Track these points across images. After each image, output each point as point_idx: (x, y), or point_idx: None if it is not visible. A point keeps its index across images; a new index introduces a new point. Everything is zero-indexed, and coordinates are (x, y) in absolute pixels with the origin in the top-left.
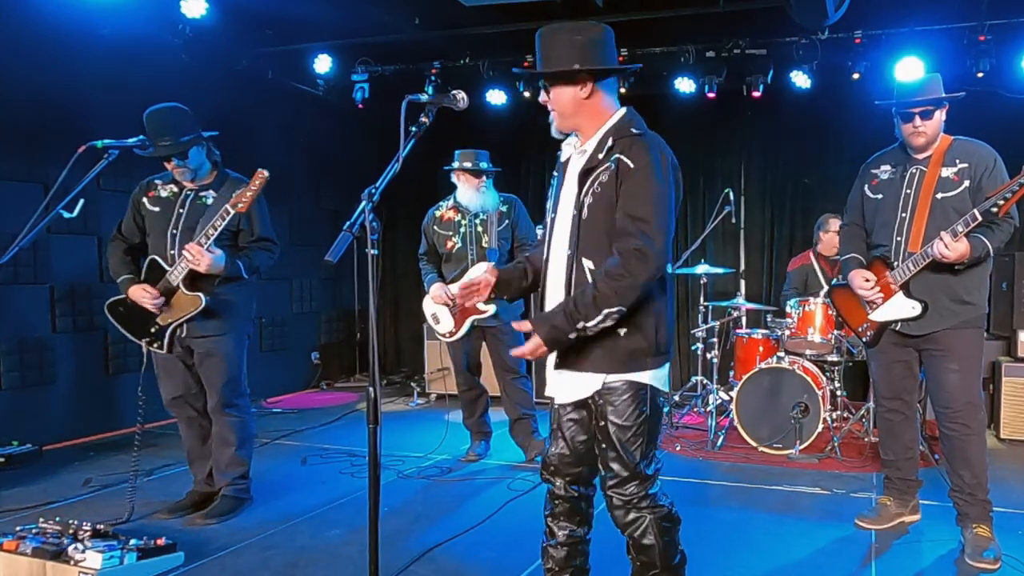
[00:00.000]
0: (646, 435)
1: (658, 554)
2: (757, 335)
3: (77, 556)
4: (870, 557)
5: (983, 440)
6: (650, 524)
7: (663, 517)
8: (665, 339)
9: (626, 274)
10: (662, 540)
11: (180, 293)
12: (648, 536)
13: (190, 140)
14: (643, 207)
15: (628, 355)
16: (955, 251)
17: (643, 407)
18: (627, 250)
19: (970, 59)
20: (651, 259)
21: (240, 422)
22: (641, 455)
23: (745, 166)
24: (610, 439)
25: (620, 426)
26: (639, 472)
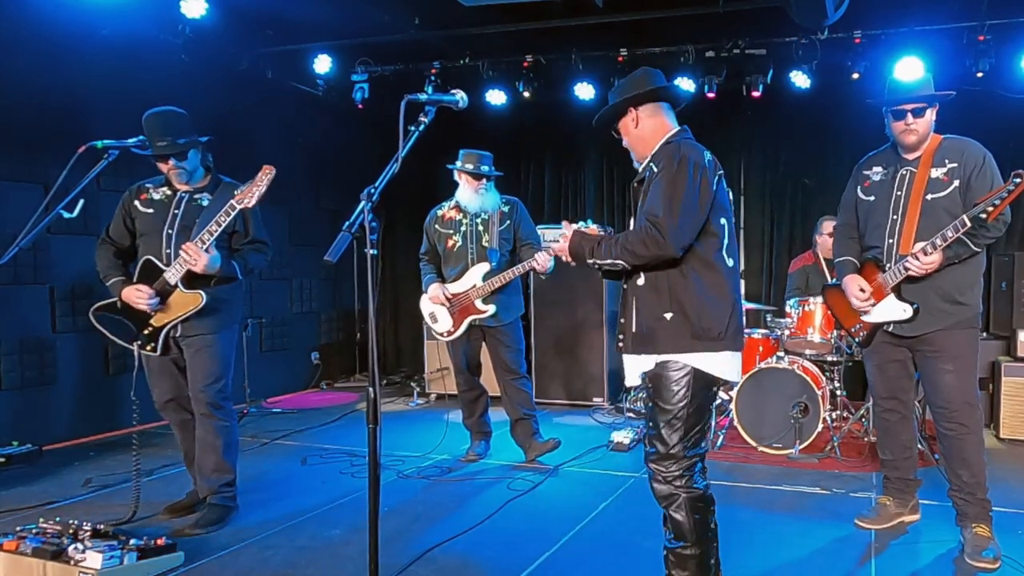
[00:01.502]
0: (688, 418)
1: (687, 530)
2: (757, 335)
3: (77, 556)
4: (869, 557)
5: (981, 439)
6: (683, 502)
7: (696, 498)
8: (714, 324)
9: (629, 244)
10: (692, 518)
11: (178, 292)
12: (680, 512)
13: (188, 143)
14: (656, 205)
15: (673, 337)
16: (931, 266)
17: (686, 390)
18: (641, 228)
19: (969, 59)
20: (664, 236)
21: (226, 427)
22: (680, 437)
23: (745, 166)
24: (655, 418)
25: (662, 408)
26: (676, 453)
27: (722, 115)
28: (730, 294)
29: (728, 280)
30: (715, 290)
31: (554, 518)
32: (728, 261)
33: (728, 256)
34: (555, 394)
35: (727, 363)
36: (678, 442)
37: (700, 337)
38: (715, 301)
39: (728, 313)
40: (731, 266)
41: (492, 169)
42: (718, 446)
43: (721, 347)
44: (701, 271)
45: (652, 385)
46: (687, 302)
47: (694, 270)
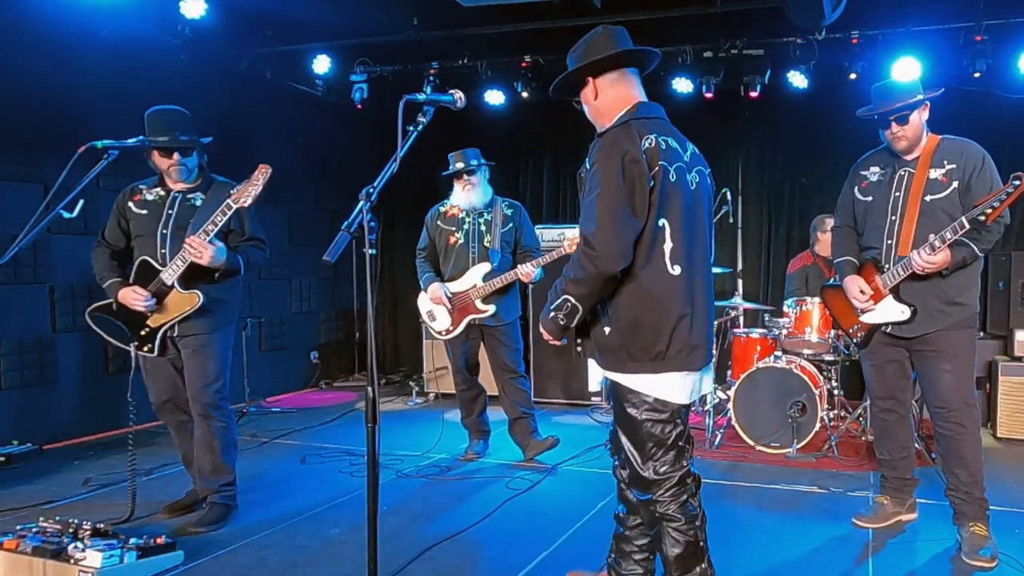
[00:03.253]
0: (639, 440)
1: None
2: (755, 334)
3: (77, 555)
4: (867, 556)
5: (978, 439)
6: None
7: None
8: (649, 342)
9: (577, 269)
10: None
11: (175, 292)
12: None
13: (190, 140)
14: (587, 214)
15: (613, 354)
16: (934, 265)
17: (636, 410)
18: (580, 250)
19: (967, 59)
20: (594, 258)
21: (223, 427)
22: (642, 460)
23: (743, 166)
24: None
25: (619, 427)
26: (645, 476)
27: (720, 115)
28: (674, 308)
29: (670, 291)
30: (650, 304)
31: (552, 517)
32: (672, 269)
33: (673, 263)
34: (553, 393)
35: (671, 385)
36: (642, 461)
37: (635, 358)
38: (650, 317)
39: (669, 330)
40: (676, 274)
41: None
42: (716, 445)
43: (662, 368)
44: (633, 282)
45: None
46: (619, 318)
47: (625, 282)
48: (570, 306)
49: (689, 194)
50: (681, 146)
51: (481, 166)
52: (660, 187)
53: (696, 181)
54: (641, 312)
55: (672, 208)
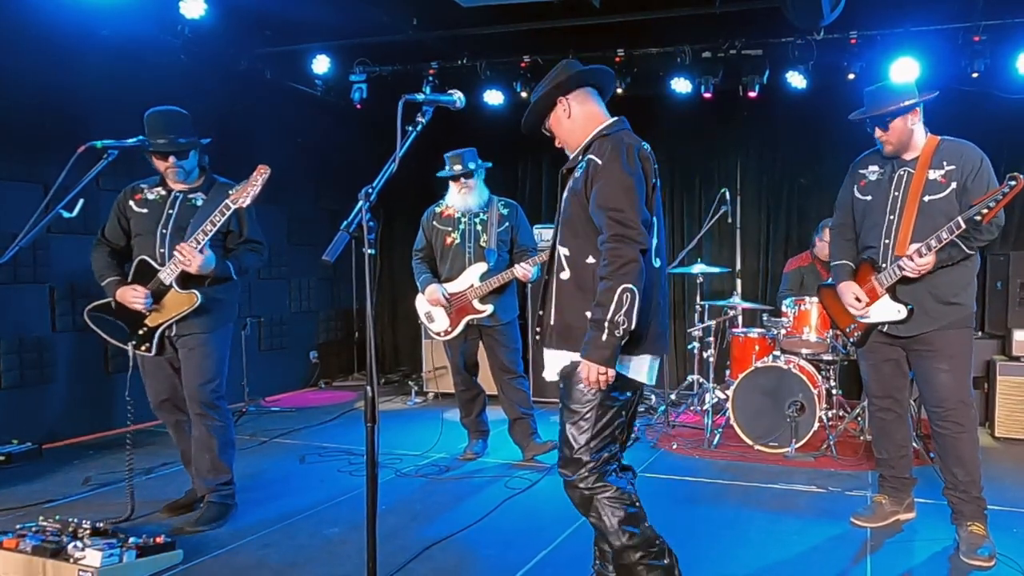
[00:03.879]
0: (596, 420)
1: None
2: (753, 334)
3: (77, 554)
4: (865, 555)
5: (975, 438)
6: (600, 504)
7: (611, 497)
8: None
9: (616, 257)
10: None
11: (173, 292)
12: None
13: (189, 142)
14: (616, 199)
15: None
16: (924, 267)
17: (596, 392)
18: (611, 237)
19: (965, 59)
20: (631, 240)
21: (220, 427)
22: (587, 440)
23: (742, 166)
24: (562, 419)
25: (569, 408)
26: (581, 457)
27: (719, 115)
28: (653, 297)
29: (653, 282)
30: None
31: (551, 517)
32: (655, 261)
33: (656, 256)
34: (552, 393)
35: (640, 367)
36: (583, 445)
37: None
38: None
39: (648, 316)
40: (657, 267)
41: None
42: (714, 445)
43: (638, 351)
44: None
45: (563, 384)
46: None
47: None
48: (629, 296)
49: (659, 200)
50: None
51: (478, 168)
52: (655, 188)
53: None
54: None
55: (654, 208)
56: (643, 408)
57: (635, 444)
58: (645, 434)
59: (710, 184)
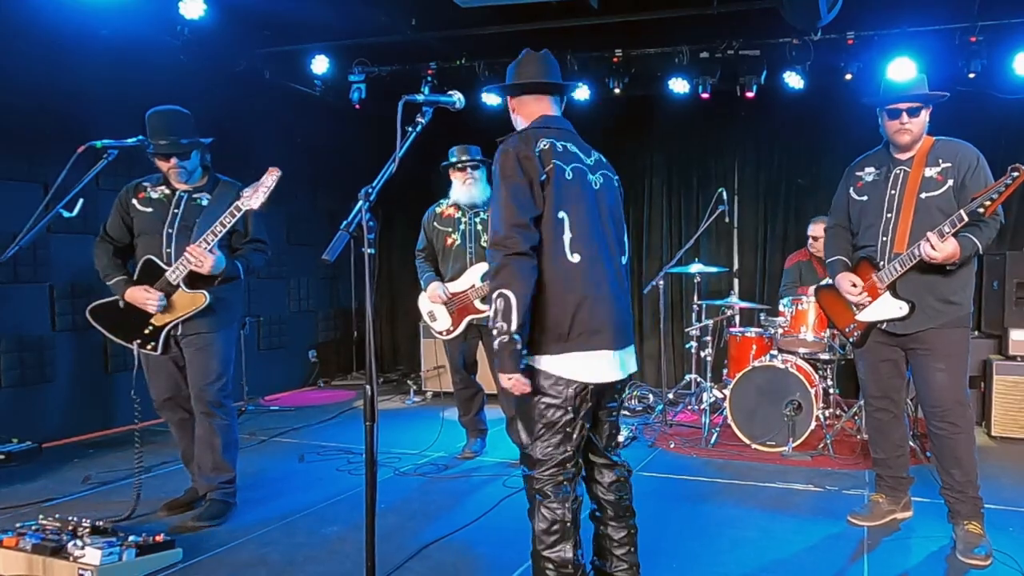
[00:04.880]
0: (530, 420)
1: (534, 536)
2: (750, 333)
3: (76, 552)
4: (862, 553)
5: (972, 438)
6: (536, 507)
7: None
8: (553, 324)
9: (492, 264)
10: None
11: (180, 292)
12: (533, 518)
13: (190, 143)
14: (493, 209)
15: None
16: (943, 252)
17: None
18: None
19: (961, 60)
20: (500, 245)
21: (225, 426)
22: (530, 439)
23: (739, 166)
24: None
25: (516, 409)
26: (529, 455)
27: (716, 116)
28: (575, 292)
29: (570, 277)
30: (553, 289)
31: None
32: (572, 257)
33: (572, 252)
34: None
35: (576, 364)
36: (529, 443)
37: (541, 340)
38: (553, 300)
39: (571, 312)
40: (576, 262)
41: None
42: (712, 444)
43: (564, 348)
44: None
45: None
46: (537, 306)
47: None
48: (502, 302)
49: (591, 192)
50: (583, 152)
51: (483, 164)
52: (555, 182)
53: (600, 182)
54: (545, 297)
55: (571, 202)
56: (641, 407)
57: (633, 443)
58: (643, 433)
59: (707, 184)
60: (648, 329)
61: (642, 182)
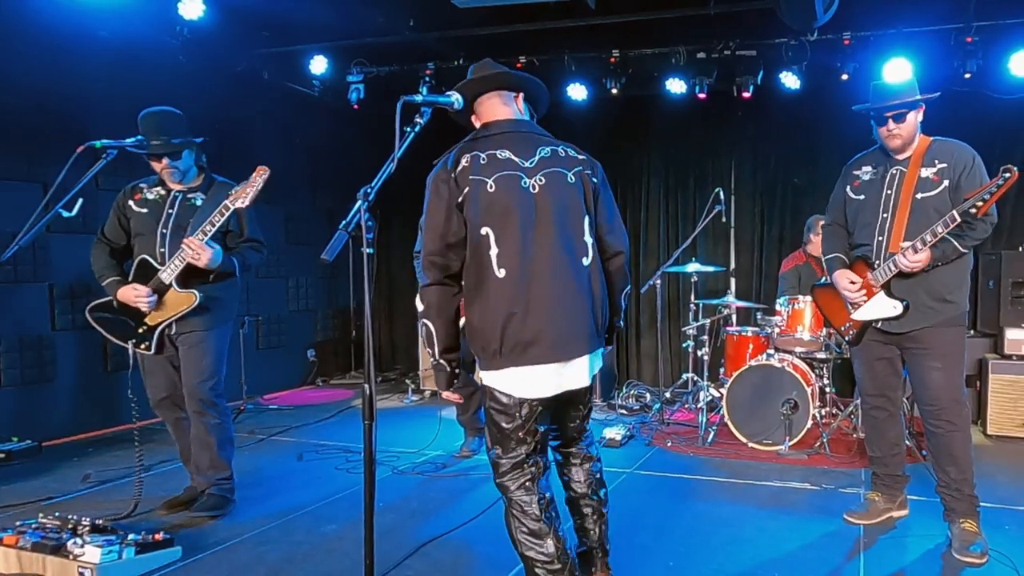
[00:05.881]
0: (489, 429)
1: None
2: (747, 333)
3: (76, 551)
4: (858, 551)
5: (968, 436)
6: (507, 511)
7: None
8: (484, 341)
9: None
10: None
11: (172, 291)
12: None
13: (182, 143)
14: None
15: (469, 353)
16: (918, 263)
17: (486, 401)
18: None
19: (957, 60)
20: (422, 273)
21: (219, 424)
22: (490, 445)
23: (735, 166)
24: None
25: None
26: (490, 459)
27: (713, 116)
28: (501, 308)
29: (497, 294)
30: (481, 305)
31: None
32: (498, 272)
33: (499, 267)
34: None
35: (512, 380)
36: (490, 447)
37: (481, 357)
38: (482, 317)
39: (499, 329)
40: (502, 277)
41: None
42: (709, 442)
43: (499, 364)
44: (467, 289)
45: None
46: (466, 323)
47: (465, 291)
48: (424, 329)
49: (525, 197)
50: (522, 155)
51: None
52: (474, 200)
53: (540, 184)
54: (475, 316)
55: (496, 216)
56: (638, 406)
57: (630, 442)
58: (640, 431)
59: (704, 184)
60: (645, 328)
61: (639, 182)
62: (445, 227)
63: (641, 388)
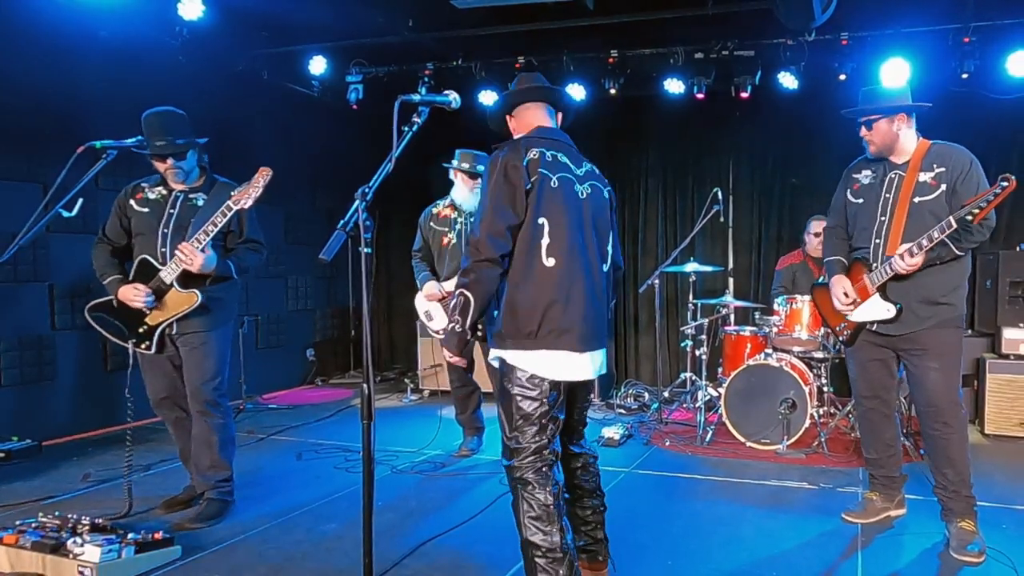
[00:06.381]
0: (509, 412)
1: (518, 524)
2: (745, 332)
3: (76, 550)
4: (856, 550)
5: (965, 437)
6: (517, 496)
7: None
8: (524, 323)
9: (464, 263)
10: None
11: (173, 291)
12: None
13: (186, 143)
14: (476, 216)
15: (497, 334)
16: (914, 266)
17: (507, 384)
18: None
19: (955, 60)
20: (474, 249)
21: (221, 424)
22: (509, 429)
23: (733, 166)
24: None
25: (498, 401)
26: (508, 445)
27: (711, 116)
28: (547, 293)
29: (543, 280)
30: (527, 289)
31: None
32: (547, 261)
33: (548, 256)
34: None
35: (544, 361)
36: (508, 433)
37: (513, 335)
38: (526, 300)
39: (540, 313)
40: (550, 266)
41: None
42: (707, 442)
43: (533, 345)
44: (514, 270)
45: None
46: (504, 300)
47: (509, 271)
48: (462, 299)
49: (576, 201)
50: (574, 162)
51: None
52: (539, 190)
53: (587, 192)
54: (517, 296)
55: (553, 210)
56: (636, 405)
57: (628, 441)
58: (638, 431)
59: (702, 184)
60: (644, 327)
61: (638, 182)
62: (512, 210)
63: (639, 387)
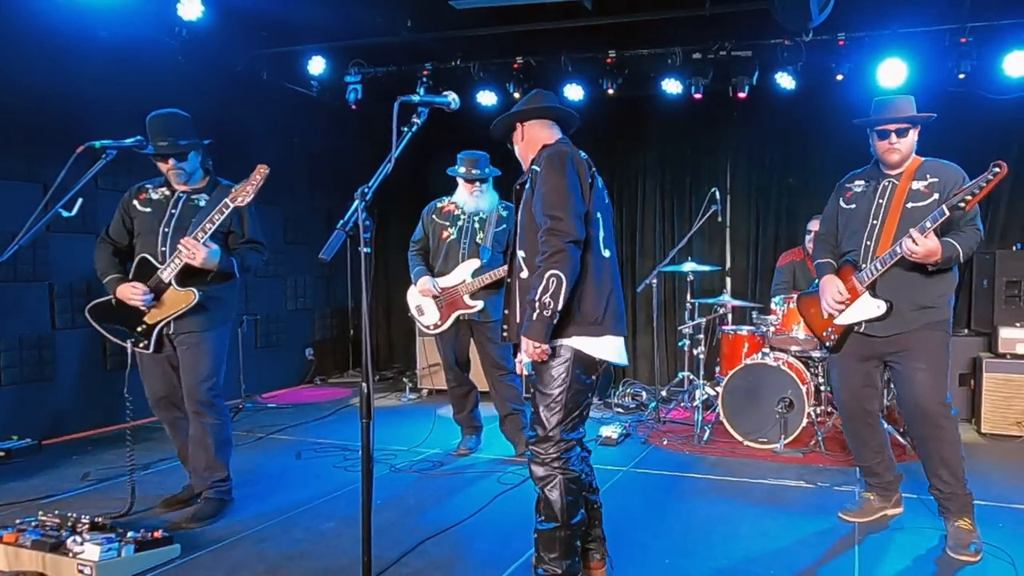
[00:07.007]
0: (566, 402)
1: (559, 510)
2: (743, 331)
3: (76, 548)
4: (853, 549)
5: (957, 438)
6: (558, 483)
7: (571, 479)
8: (592, 310)
9: (548, 248)
10: (565, 499)
11: (171, 290)
12: (554, 492)
13: (189, 144)
14: (549, 198)
15: (562, 323)
16: (924, 247)
17: (566, 375)
18: (544, 231)
19: (952, 61)
20: (560, 232)
21: (217, 425)
22: (559, 420)
23: (731, 166)
24: (535, 402)
25: (542, 392)
26: (554, 435)
27: (709, 116)
28: (607, 283)
29: (604, 270)
30: (592, 279)
31: None
32: (604, 252)
33: (604, 247)
34: None
35: (608, 346)
36: (556, 425)
37: (580, 323)
38: (592, 289)
39: (605, 300)
40: (607, 256)
41: (488, 170)
42: (704, 440)
43: (600, 332)
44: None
45: (535, 371)
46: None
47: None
48: (555, 281)
49: (607, 199)
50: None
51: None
52: (595, 187)
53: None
54: (586, 286)
55: (601, 206)
56: (634, 404)
57: (626, 440)
58: (636, 430)
59: (700, 184)
60: (642, 327)
61: (635, 182)
62: (584, 200)
63: (637, 387)
